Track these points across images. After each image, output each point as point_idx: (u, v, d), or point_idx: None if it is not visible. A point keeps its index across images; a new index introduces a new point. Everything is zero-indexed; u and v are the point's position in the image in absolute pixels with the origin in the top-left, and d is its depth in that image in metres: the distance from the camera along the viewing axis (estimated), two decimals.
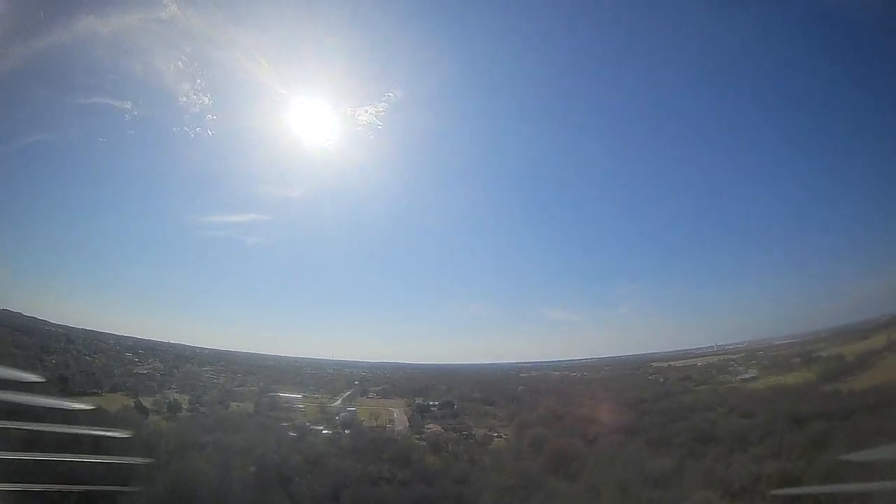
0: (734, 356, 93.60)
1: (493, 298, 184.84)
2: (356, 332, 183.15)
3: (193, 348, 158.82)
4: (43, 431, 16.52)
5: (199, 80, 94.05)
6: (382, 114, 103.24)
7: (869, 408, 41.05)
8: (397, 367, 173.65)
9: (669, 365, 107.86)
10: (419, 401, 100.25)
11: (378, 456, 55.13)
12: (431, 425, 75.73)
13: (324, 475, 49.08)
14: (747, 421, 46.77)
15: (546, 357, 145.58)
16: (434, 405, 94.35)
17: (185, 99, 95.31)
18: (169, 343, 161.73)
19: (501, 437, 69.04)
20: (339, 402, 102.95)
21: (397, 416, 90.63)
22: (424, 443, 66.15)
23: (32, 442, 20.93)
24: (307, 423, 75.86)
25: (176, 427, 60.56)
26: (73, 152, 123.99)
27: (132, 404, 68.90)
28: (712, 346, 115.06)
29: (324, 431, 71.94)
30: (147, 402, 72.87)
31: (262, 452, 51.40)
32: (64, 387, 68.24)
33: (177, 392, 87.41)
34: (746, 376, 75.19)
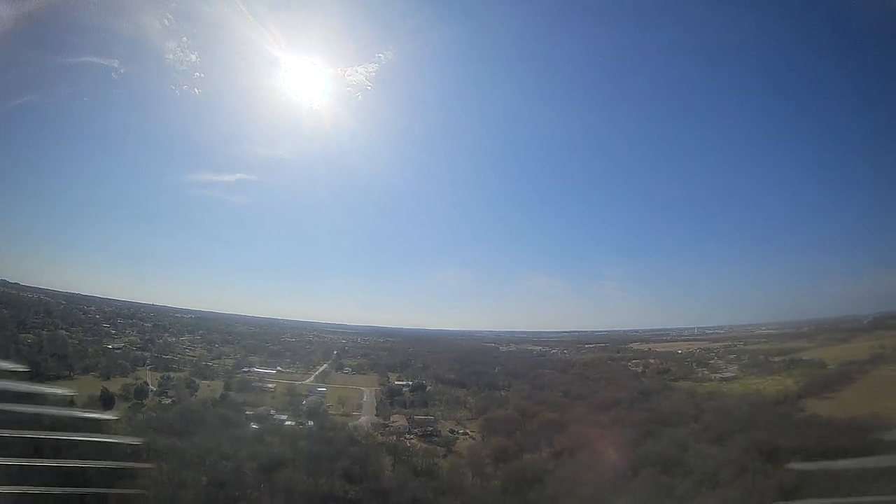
0: (714, 345, 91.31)
1: (478, 265, 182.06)
2: (341, 294, 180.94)
3: (176, 312, 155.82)
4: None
5: (185, 38, 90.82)
6: (373, 74, 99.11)
7: (849, 449, 37.87)
8: (380, 333, 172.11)
9: (650, 348, 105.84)
10: (392, 380, 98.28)
11: (333, 464, 52.29)
12: (397, 417, 73.30)
13: (274, 490, 46.75)
14: (720, 452, 43.73)
15: (529, 328, 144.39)
16: (406, 387, 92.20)
17: (171, 57, 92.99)
18: (152, 306, 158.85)
19: (468, 433, 66.81)
20: (311, 378, 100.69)
21: (366, 398, 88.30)
22: (389, 439, 63.90)
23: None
24: (271, 412, 73.48)
25: (132, 430, 57.35)
26: (59, 112, 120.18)
27: (99, 394, 66.08)
28: (693, 330, 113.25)
29: (287, 423, 69.69)
30: (117, 385, 71.17)
31: (215, 459, 48.96)
32: (37, 372, 65.51)
33: (150, 369, 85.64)
34: (727, 375, 72.68)
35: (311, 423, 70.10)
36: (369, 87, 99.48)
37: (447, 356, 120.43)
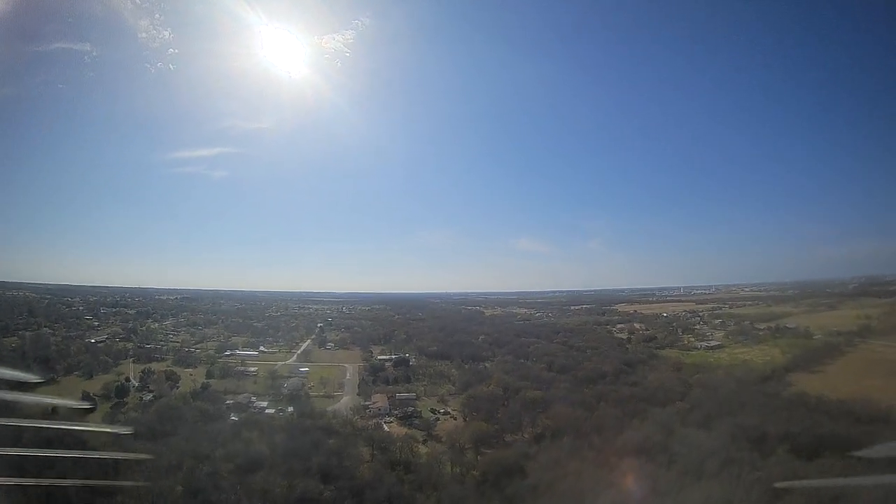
0: (700, 307, 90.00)
1: (462, 228, 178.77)
2: (327, 262, 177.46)
3: (161, 294, 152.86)
4: None
5: (158, 15, 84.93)
6: (350, 41, 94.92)
7: (840, 438, 36.38)
8: (366, 300, 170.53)
9: (636, 310, 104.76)
10: (376, 354, 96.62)
11: (309, 460, 50.52)
12: (379, 397, 71.65)
13: (250, 493, 45.09)
14: (706, 438, 42.18)
15: (516, 288, 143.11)
16: (389, 362, 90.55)
17: (144, 35, 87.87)
18: (138, 289, 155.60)
19: (449, 413, 65.44)
20: (294, 357, 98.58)
21: (349, 376, 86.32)
22: (368, 423, 62.30)
23: None
24: (252, 399, 71.83)
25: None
26: (32, 102, 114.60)
27: (81, 396, 63.54)
28: (679, 289, 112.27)
29: (267, 410, 68.18)
30: (98, 384, 69.81)
31: (191, 464, 47.15)
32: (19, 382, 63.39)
33: (133, 361, 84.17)
34: (712, 344, 71.20)
35: (291, 409, 68.44)
36: (348, 54, 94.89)
37: (431, 324, 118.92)
